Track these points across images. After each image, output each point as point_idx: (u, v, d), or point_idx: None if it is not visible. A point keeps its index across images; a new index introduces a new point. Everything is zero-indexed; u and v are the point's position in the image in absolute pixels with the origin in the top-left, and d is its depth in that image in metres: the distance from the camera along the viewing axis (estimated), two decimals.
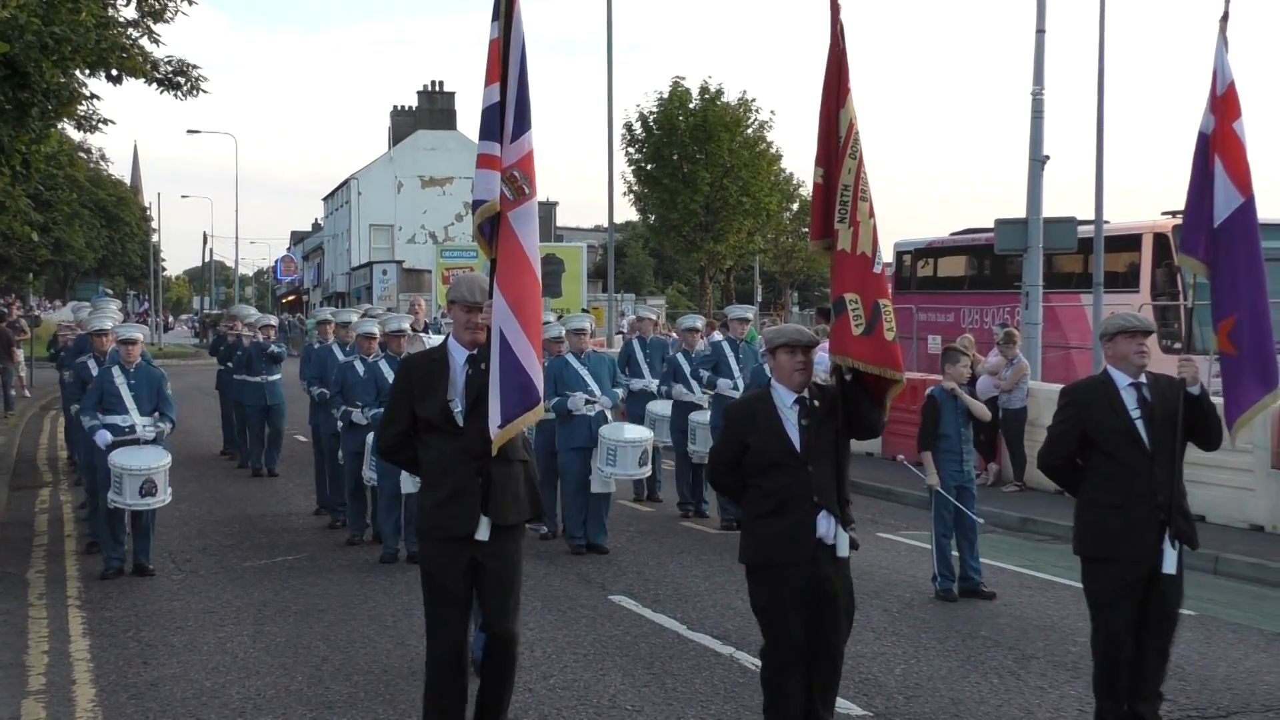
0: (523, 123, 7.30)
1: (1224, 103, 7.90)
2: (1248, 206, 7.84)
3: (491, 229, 7.31)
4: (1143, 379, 7.77)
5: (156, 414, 12.96)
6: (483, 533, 7.22)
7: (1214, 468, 14.63)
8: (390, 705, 8.72)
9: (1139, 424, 7.68)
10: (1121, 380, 7.79)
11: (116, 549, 12.82)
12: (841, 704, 8.46)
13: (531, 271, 7.27)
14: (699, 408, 15.94)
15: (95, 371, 13.69)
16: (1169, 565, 7.62)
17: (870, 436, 7.55)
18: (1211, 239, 7.90)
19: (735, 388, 15.12)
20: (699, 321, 17.57)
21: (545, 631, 10.48)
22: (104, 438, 12.59)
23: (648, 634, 10.56)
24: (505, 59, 7.27)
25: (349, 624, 10.89)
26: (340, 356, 15.70)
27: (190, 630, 10.74)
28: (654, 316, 19.20)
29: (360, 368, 14.39)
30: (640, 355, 17.33)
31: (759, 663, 8.46)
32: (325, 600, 11.74)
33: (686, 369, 16.20)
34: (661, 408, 16.57)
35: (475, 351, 7.34)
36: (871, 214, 7.23)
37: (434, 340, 12.46)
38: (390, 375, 13.15)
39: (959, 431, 11.91)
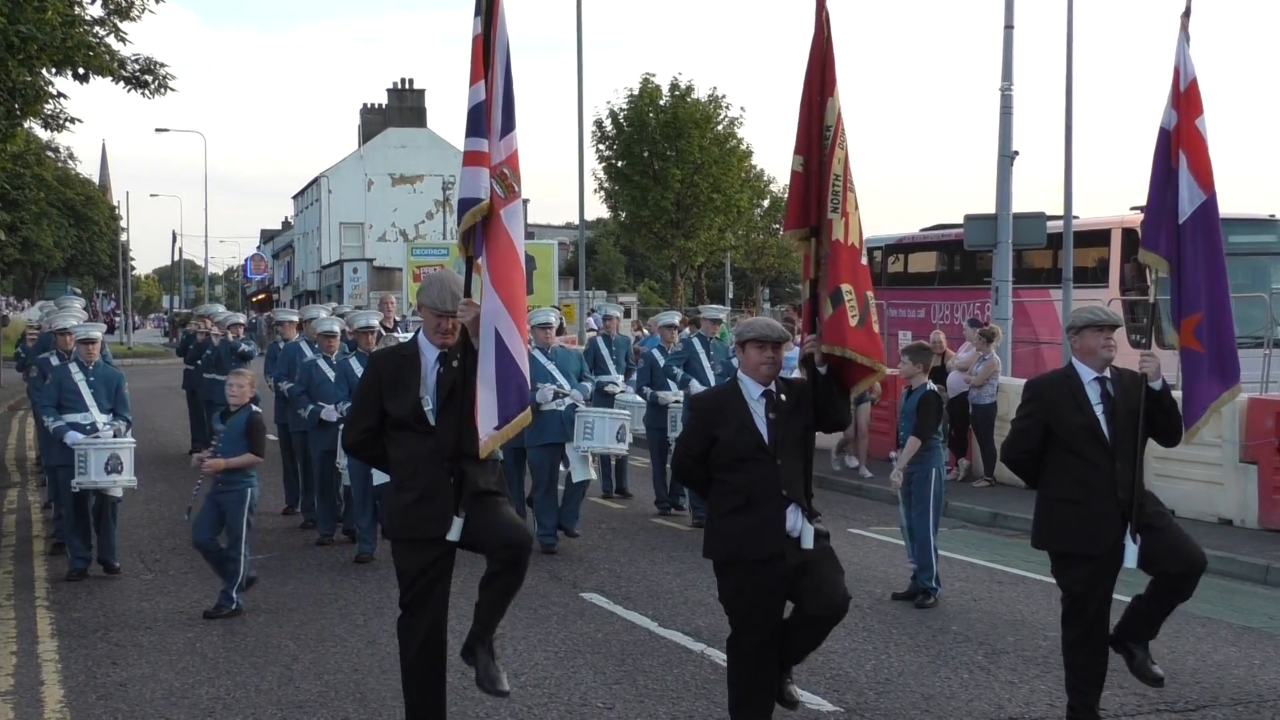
0: (509, 121, 7.32)
1: (1186, 99, 7.92)
2: (1209, 203, 7.87)
3: (473, 228, 7.29)
4: (1107, 374, 7.82)
5: (113, 414, 12.87)
6: (454, 534, 7.19)
7: (1183, 462, 14.72)
8: (361, 704, 8.69)
9: (1102, 419, 7.73)
10: (1086, 375, 7.83)
11: (82, 549, 12.74)
12: (812, 699, 8.48)
13: (520, 270, 7.29)
14: (674, 402, 15.92)
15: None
16: (1130, 560, 7.66)
17: (837, 429, 7.60)
18: (1175, 235, 7.92)
19: (706, 385, 15.12)
20: (676, 318, 17.57)
21: (516, 629, 10.45)
22: (74, 438, 12.49)
23: (619, 631, 10.56)
24: (489, 56, 7.26)
25: (319, 623, 10.85)
26: (308, 354, 15.63)
27: (159, 630, 10.69)
28: (619, 314, 19.19)
29: (325, 366, 14.34)
30: (606, 353, 17.33)
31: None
32: (295, 599, 11.70)
33: (662, 364, 16.19)
34: (629, 399, 16.55)
35: (446, 350, 7.31)
36: (857, 206, 7.27)
37: (403, 338, 12.39)
38: (360, 372, 13.04)
39: (900, 434, 11.88)
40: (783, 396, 7.27)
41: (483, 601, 7.36)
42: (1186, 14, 8.08)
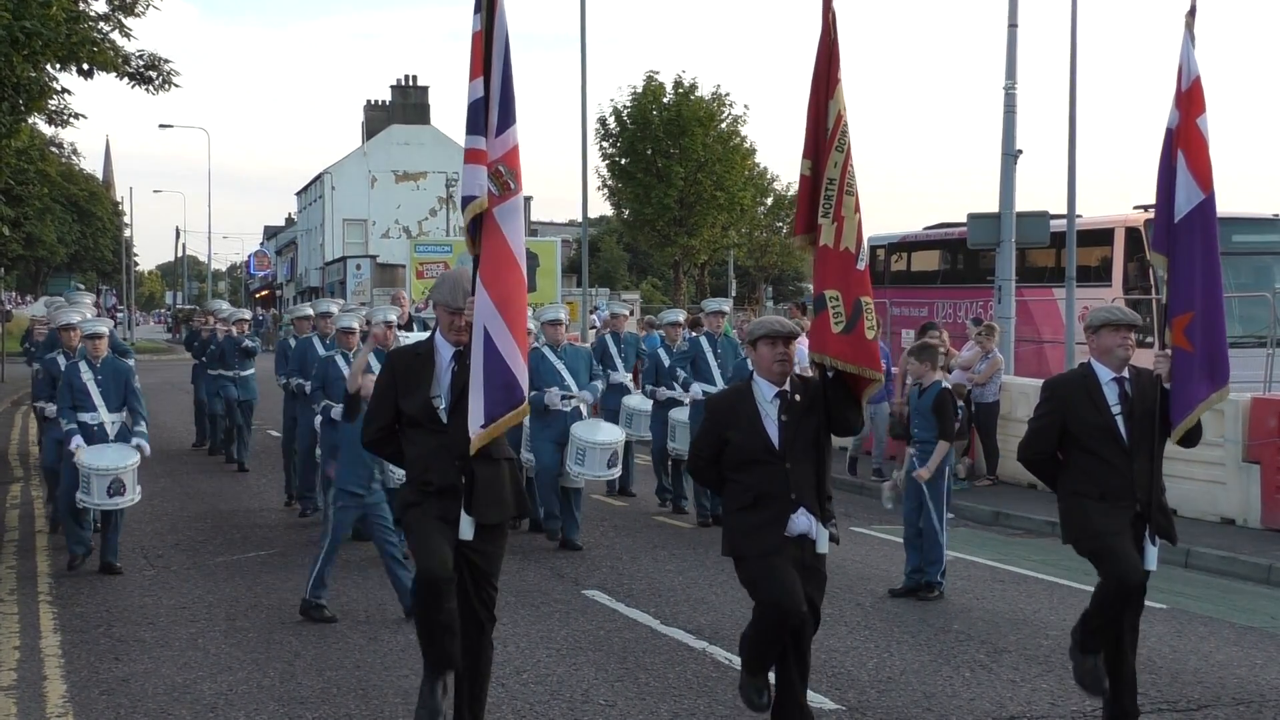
0: (507, 117, 7.25)
1: (1188, 98, 7.91)
2: (1207, 203, 7.84)
3: (477, 225, 7.27)
4: (1125, 373, 7.79)
5: (125, 411, 12.84)
6: (466, 532, 7.17)
7: (1186, 461, 14.69)
8: (363, 700, 8.69)
9: (1119, 420, 7.69)
10: (1104, 374, 7.79)
11: (81, 534, 12.78)
12: (814, 698, 8.47)
13: (517, 268, 7.22)
14: (679, 404, 15.86)
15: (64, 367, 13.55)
16: (1149, 562, 7.64)
17: (848, 434, 7.56)
18: (1171, 234, 7.91)
19: (713, 384, 15.05)
20: (681, 315, 17.51)
21: (519, 626, 10.46)
22: (78, 443, 12.47)
23: (621, 629, 10.56)
24: (489, 52, 7.23)
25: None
26: (320, 350, 15.58)
27: (162, 626, 10.70)
28: (627, 312, 19.16)
29: (341, 362, 14.30)
30: (614, 350, 17.29)
31: (732, 657, 8.47)
32: (297, 596, 11.66)
33: (667, 363, 16.15)
34: (638, 402, 16.53)
35: (462, 348, 7.30)
36: (857, 209, 7.19)
37: (411, 338, 12.37)
38: (378, 367, 12.99)
39: (914, 430, 12.02)
40: (797, 397, 7.24)
41: (461, 680, 7.37)
42: (1191, 13, 8.07)
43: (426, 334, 8.18)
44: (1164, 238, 7.99)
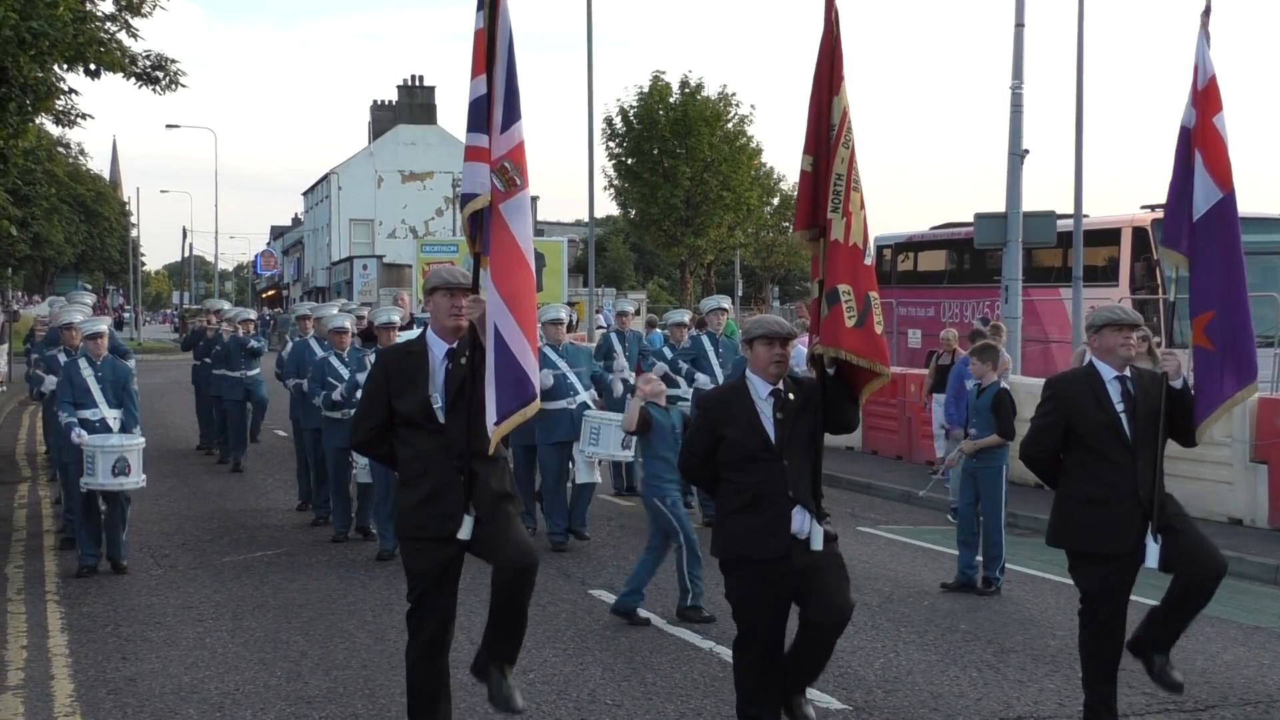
0: (512, 113, 7.19)
1: (1205, 97, 7.89)
2: (1227, 201, 7.83)
3: (477, 223, 7.24)
4: (1127, 372, 7.79)
5: (122, 410, 12.85)
6: (465, 532, 7.13)
7: (1193, 461, 14.66)
8: (369, 700, 8.70)
9: (1123, 418, 7.70)
10: (1107, 373, 7.79)
11: (91, 547, 12.74)
12: (821, 698, 8.47)
13: (526, 265, 7.16)
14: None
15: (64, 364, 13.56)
16: (1151, 560, 7.64)
17: (845, 431, 7.51)
18: (1191, 233, 7.91)
19: (714, 383, 15.08)
20: (686, 316, 17.53)
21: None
22: (79, 432, 12.49)
23: (627, 628, 10.55)
24: (491, 49, 7.21)
25: (328, 619, 10.87)
26: (318, 351, 15.63)
27: (169, 625, 10.70)
28: (632, 310, 19.17)
29: (337, 363, 14.34)
30: (619, 348, 17.30)
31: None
32: (304, 595, 11.71)
33: (669, 358, 16.18)
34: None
35: (455, 345, 7.26)
36: (863, 205, 7.19)
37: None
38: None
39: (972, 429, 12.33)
40: (791, 396, 7.22)
41: (492, 625, 7.31)
42: (1207, 12, 8.06)
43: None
44: (1177, 236, 7.99)
